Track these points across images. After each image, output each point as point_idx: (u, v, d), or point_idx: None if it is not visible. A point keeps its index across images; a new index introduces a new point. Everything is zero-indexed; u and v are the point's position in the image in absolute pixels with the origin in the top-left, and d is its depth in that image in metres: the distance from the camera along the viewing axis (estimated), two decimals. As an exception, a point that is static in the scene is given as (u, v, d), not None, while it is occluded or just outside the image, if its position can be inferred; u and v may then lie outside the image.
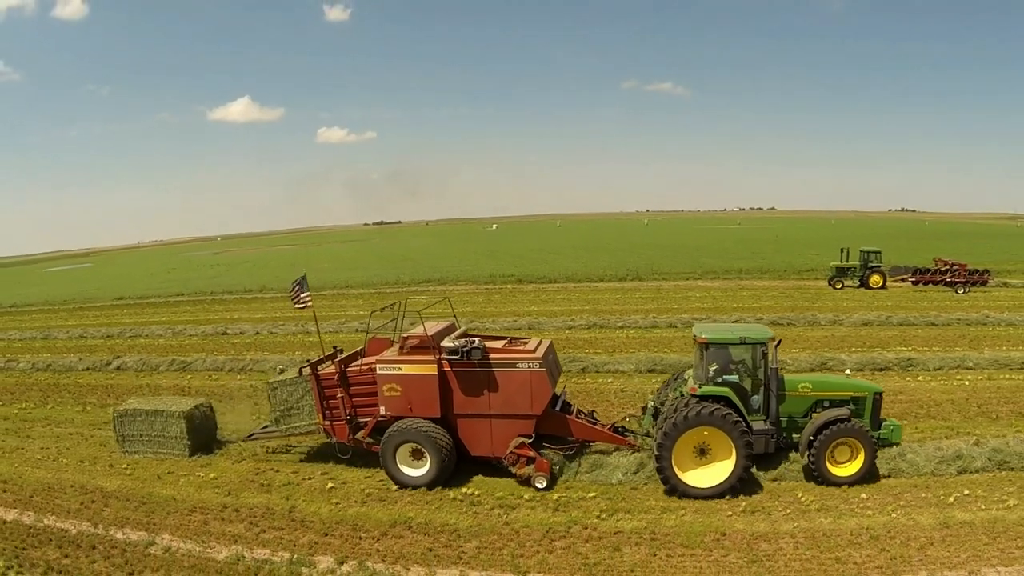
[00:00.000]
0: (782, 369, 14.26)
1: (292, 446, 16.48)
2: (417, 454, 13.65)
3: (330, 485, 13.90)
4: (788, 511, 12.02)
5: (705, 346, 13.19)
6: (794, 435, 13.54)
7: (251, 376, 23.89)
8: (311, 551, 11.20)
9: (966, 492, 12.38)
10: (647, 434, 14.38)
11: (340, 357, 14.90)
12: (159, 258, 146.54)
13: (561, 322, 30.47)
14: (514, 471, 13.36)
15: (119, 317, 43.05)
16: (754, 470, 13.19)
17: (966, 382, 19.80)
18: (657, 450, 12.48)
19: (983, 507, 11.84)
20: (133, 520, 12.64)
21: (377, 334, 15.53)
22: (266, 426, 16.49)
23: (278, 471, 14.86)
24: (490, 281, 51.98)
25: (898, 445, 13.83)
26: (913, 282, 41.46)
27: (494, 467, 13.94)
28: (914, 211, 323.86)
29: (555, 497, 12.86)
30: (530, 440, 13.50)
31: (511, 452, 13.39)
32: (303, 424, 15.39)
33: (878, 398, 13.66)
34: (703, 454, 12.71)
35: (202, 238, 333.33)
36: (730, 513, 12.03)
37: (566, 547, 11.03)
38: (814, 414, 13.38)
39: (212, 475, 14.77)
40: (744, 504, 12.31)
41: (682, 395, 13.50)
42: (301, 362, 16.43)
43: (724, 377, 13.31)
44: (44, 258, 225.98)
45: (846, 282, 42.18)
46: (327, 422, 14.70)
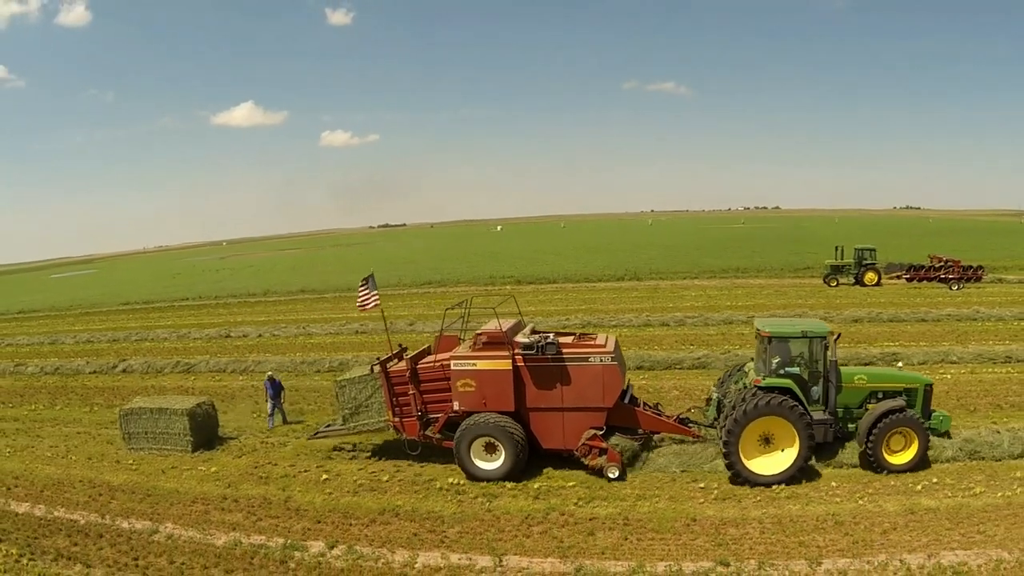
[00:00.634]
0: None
1: (357, 444, 16.50)
2: (491, 448, 13.86)
3: (324, 477, 14.57)
4: (759, 499, 12.51)
5: (768, 340, 13.63)
6: (849, 425, 14.02)
7: (252, 377, 24.58)
8: (304, 537, 11.90)
9: (935, 480, 12.82)
10: (711, 425, 14.88)
11: (411, 355, 15.13)
12: (164, 263, 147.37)
13: (556, 321, 30.94)
14: (586, 462, 13.67)
15: (125, 321, 43.85)
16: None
17: (948, 376, 20.20)
18: (726, 436, 12.86)
19: (950, 495, 12.26)
20: (138, 511, 13.38)
21: (445, 332, 15.60)
22: (329, 424, 16.63)
23: (276, 464, 15.54)
24: (489, 282, 52.53)
25: (948, 435, 14.19)
26: (907, 279, 41.75)
27: (563, 459, 14.22)
28: (919, 208, 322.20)
29: (536, 486, 13.49)
30: (601, 432, 13.81)
31: (583, 444, 13.68)
32: (371, 421, 15.49)
33: (928, 389, 14.13)
34: (767, 443, 13.11)
35: (207, 243, 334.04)
36: (702, 500, 12.57)
37: (543, 532, 11.67)
38: (869, 405, 13.86)
39: (213, 469, 15.47)
40: (716, 492, 12.84)
41: (745, 387, 13.99)
42: (371, 360, 16.34)
43: (786, 369, 13.67)
44: (49, 265, 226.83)
45: (841, 280, 42.50)
46: (396, 419, 14.86)
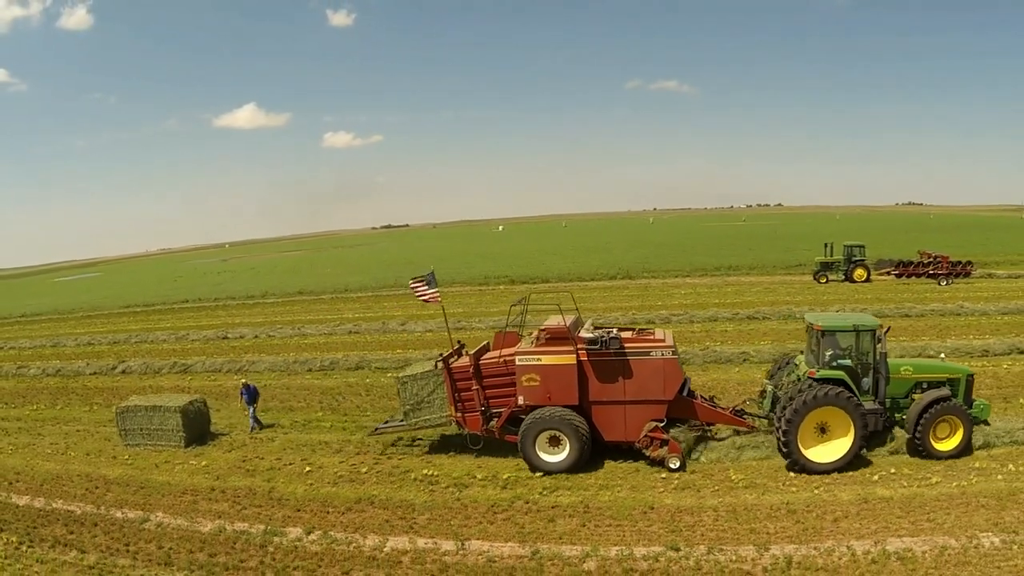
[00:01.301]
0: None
1: (414, 439, 16.78)
2: (554, 441, 14.20)
3: (307, 469, 15.37)
4: (717, 488, 13.12)
5: (821, 333, 14.23)
6: (896, 414, 14.58)
7: (247, 376, 25.30)
8: (284, 524, 12.72)
9: (892, 471, 13.31)
10: (766, 417, 15.46)
11: (474, 351, 15.61)
12: (167, 266, 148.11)
13: (542, 320, 31.45)
14: (648, 453, 14.14)
15: (125, 324, 44.63)
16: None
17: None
18: (785, 427, 13.35)
19: (905, 484, 12.76)
20: (131, 502, 14.21)
21: (505, 329, 15.91)
22: (387, 421, 16.96)
23: (263, 458, 16.34)
24: (484, 282, 53.22)
25: (987, 423, 14.69)
26: (896, 275, 42.22)
27: (624, 451, 14.62)
28: (921, 204, 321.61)
29: (505, 476, 14.22)
30: (662, 424, 14.31)
31: (645, 436, 14.16)
32: (434, 417, 15.77)
33: (970, 380, 14.57)
34: (822, 433, 13.58)
35: (211, 245, 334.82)
36: (663, 490, 13.21)
37: (506, 519, 12.42)
38: (915, 395, 14.44)
39: (204, 463, 16.28)
40: (677, 482, 13.47)
41: (799, 379, 14.57)
42: (436, 356, 16.59)
43: (839, 361, 14.19)
44: (54, 268, 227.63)
45: (831, 276, 42.90)
46: (459, 414, 15.21)
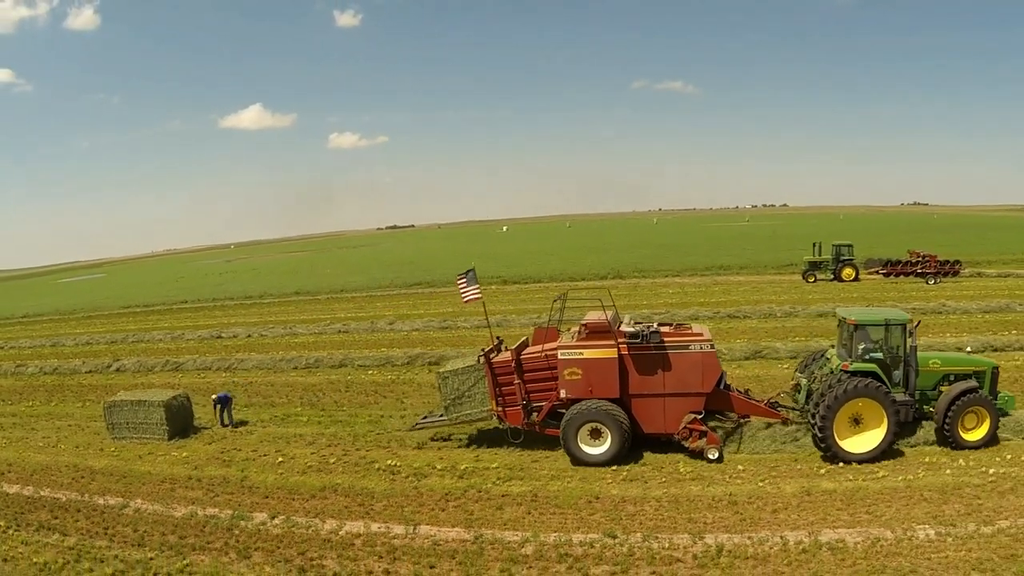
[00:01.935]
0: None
1: (451, 434, 17.02)
2: (595, 433, 14.46)
3: (280, 460, 16.21)
4: (664, 480, 13.64)
5: (854, 327, 14.63)
6: (925, 406, 14.88)
7: (235, 373, 26.25)
8: (251, 509, 13.57)
9: (840, 465, 13.60)
10: (800, 409, 15.67)
11: (515, 346, 15.87)
12: (171, 267, 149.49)
13: (528, 319, 32.33)
14: (687, 445, 14.42)
15: (124, 324, 45.69)
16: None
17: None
18: (820, 421, 13.69)
19: (851, 478, 13.10)
20: (113, 490, 15.11)
21: (542, 325, 16.27)
22: (426, 416, 17.22)
23: (240, 450, 17.19)
24: (479, 283, 53.65)
25: (1011, 414, 14.85)
26: (884, 274, 42.40)
27: (662, 443, 14.95)
28: (926, 204, 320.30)
29: (463, 467, 14.96)
30: (701, 416, 14.58)
31: (684, 428, 14.48)
32: (475, 411, 15.98)
33: (996, 372, 14.91)
34: (856, 424, 13.95)
35: (215, 246, 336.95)
36: (610, 480, 13.77)
37: (458, 506, 13.17)
38: (942, 387, 14.69)
39: (184, 454, 17.17)
40: (625, 473, 14.05)
41: (832, 372, 14.91)
42: (476, 352, 16.90)
43: (871, 355, 14.56)
44: (59, 269, 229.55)
45: (819, 275, 43.14)
46: (500, 408, 15.46)
